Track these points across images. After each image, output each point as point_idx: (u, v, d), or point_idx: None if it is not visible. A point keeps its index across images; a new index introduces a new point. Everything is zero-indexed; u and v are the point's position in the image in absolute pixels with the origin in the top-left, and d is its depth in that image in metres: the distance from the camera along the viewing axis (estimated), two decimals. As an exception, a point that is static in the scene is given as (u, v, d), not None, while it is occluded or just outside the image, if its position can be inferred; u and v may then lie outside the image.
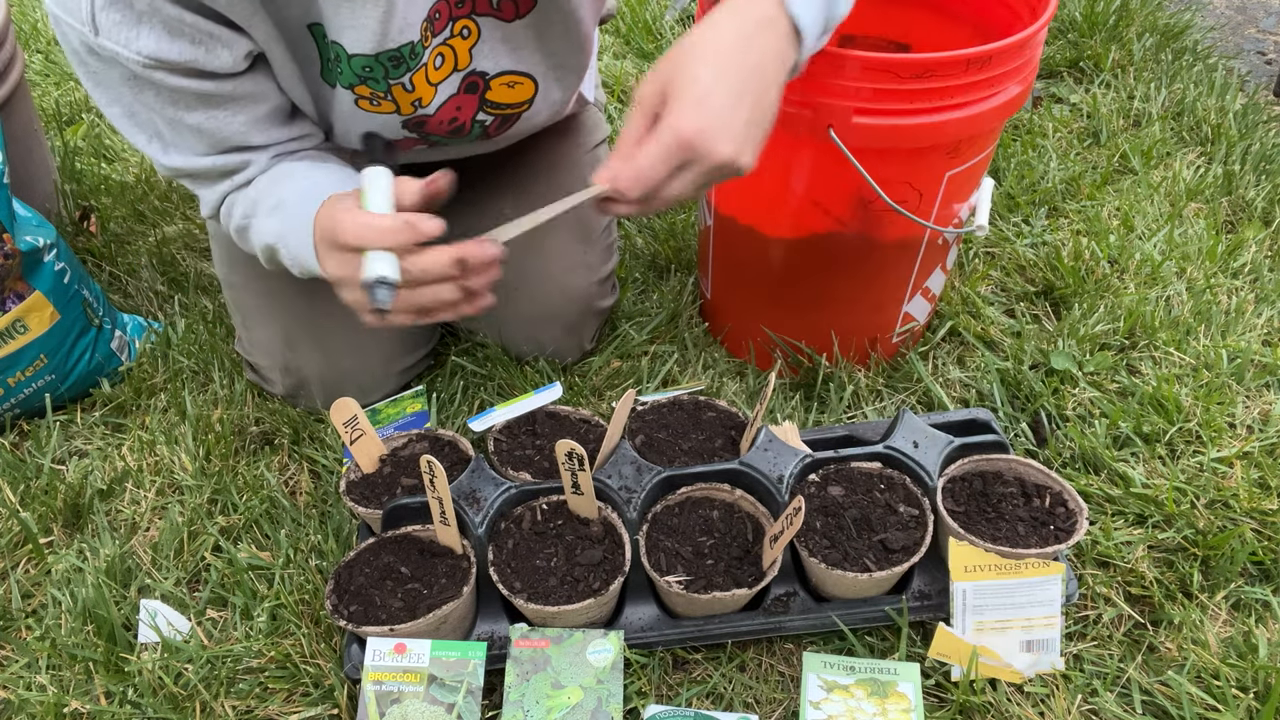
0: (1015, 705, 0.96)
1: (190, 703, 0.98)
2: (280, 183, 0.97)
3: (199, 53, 0.86)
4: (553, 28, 1.06)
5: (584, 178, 1.33)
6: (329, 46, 0.94)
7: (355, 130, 1.04)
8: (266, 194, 0.98)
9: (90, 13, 0.82)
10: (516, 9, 1.01)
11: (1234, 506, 1.13)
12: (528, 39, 1.05)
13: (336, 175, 0.99)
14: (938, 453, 1.05)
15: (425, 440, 1.14)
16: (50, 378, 1.27)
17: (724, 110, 0.77)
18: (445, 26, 0.98)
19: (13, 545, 1.15)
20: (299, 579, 1.08)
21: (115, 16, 0.82)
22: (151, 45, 0.84)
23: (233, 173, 0.99)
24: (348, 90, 0.98)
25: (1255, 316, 1.40)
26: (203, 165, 0.97)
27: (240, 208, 1.00)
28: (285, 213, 0.95)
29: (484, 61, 1.04)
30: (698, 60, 0.77)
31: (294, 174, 0.98)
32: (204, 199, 1.03)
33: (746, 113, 0.78)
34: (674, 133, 0.76)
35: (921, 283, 1.26)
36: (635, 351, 1.38)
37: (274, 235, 0.97)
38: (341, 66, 0.95)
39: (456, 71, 1.03)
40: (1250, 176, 1.67)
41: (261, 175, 1.00)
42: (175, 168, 0.98)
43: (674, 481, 1.04)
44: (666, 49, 0.80)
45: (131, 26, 0.83)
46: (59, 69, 2.12)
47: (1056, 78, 2.01)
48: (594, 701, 0.91)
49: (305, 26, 0.92)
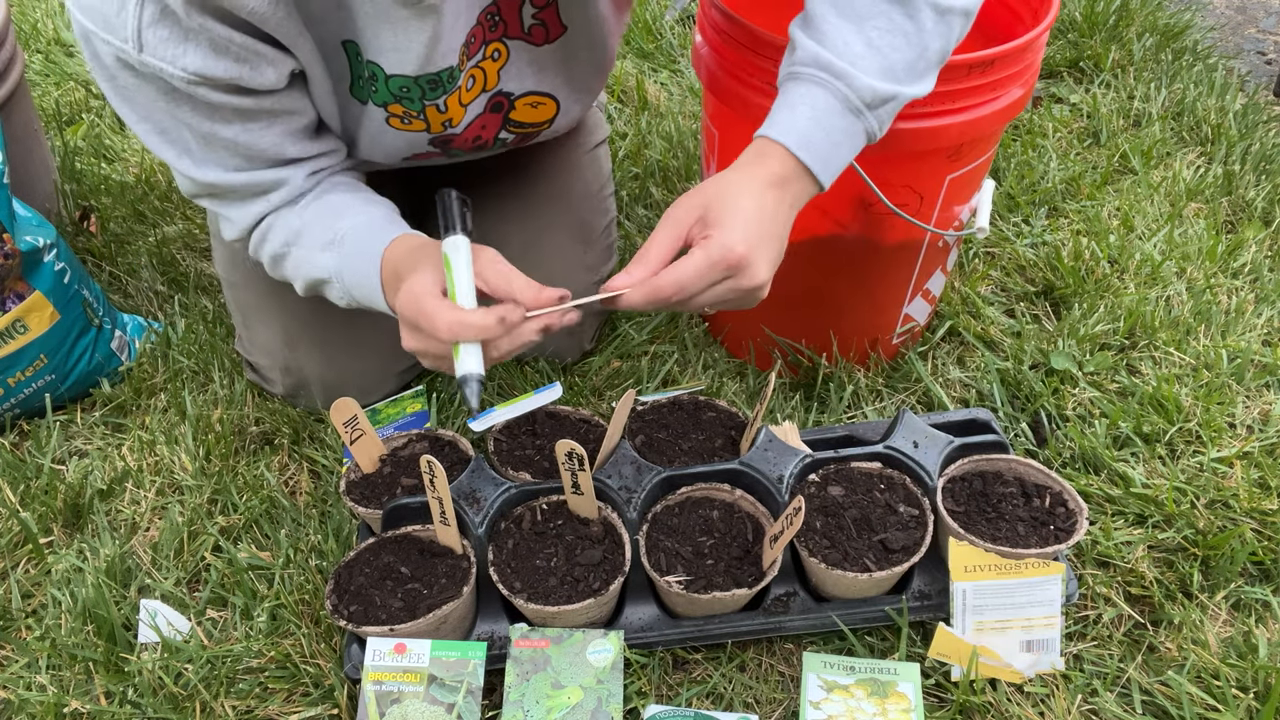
0: (1015, 705, 0.96)
1: (190, 703, 0.98)
2: (333, 218, 0.97)
3: (244, 70, 0.86)
4: (579, 52, 1.07)
5: (584, 177, 1.34)
6: (364, 65, 0.94)
7: (382, 145, 1.05)
8: (316, 226, 0.97)
9: (136, 29, 0.81)
10: (547, 34, 1.03)
11: (1234, 506, 1.13)
12: (554, 62, 1.06)
13: (384, 214, 0.99)
14: (938, 453, 1.05)
15: (425, 440, 1.14)
16: (50, 378, 1.27)
17: (766, 240, 0.84)
18: (479, 50, 0.99)
19: (13, 545, 1.15)
20: (299, 579, 1.08)
21: (163, 33, 0.82)
22: (198, 62, 0.83)
23: (267, 191, 0.98)
24: (380, 108, 0.98)
25: (1255, 316, 1.40)
26: (237, 181, 0.96)
27: (280, 234, 1.00)
28: (343, 250, 0.95)
29: (510, 83, 1.06)
30: (741, 194, 0.84)
31: (348, 210, 0.98)
32: (234, 220, 1.02)
33: (775, 251, 0.86)
34: (724, 249, 0.82)
35: (922, 284, 1.26)
36: (635, 351, 1.38)
37: (327, 270, 0.97)
38: (377, 85, 0.95)
39: (484, 92, 1.05)
40: (1250, 176, 1.67)
41: (306, 201, 1.00)
42: (208, 182, 0.96)
43: (674, 481, 1.04)
44: (695, 183, 0.87)
45: (178, 44, 0.82)
46: (59, 69, 2.12)
47: (1056, 78, 2.01)
48: (594, 701, 0.91)
49: (340, 43, 0.92)
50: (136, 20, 0.81)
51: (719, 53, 1.09)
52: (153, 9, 0.81)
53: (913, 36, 0.86)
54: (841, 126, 0.87)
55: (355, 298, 0.97)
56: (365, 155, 1.07)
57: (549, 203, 1.30)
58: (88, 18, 0.83)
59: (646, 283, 0.82)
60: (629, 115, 1.92)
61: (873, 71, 0.85)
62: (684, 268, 0.82)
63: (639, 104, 1.93)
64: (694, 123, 1.87)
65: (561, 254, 1.28)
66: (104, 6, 0.81)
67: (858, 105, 0.86)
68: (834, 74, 0.85)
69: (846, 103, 0.86)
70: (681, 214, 0.85)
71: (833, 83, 0.85)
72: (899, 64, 0.86)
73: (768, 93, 1.04)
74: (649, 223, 1.61)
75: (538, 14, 1.00)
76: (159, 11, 0.81)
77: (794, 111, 0.86)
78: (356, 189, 1.04)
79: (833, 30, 0.86)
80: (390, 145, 1.05)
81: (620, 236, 1.54)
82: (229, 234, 1.04)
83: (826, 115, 0.86)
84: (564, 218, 1.30)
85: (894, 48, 0.86)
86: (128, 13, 0.81)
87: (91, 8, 0.82)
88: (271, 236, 1.01)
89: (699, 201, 0.85)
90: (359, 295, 0.96)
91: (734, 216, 0.83)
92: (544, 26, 1.02)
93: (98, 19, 0.83)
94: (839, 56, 0.85)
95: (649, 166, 1.73)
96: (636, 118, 1.88)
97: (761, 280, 0.84)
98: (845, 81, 0.85)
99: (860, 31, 0.85)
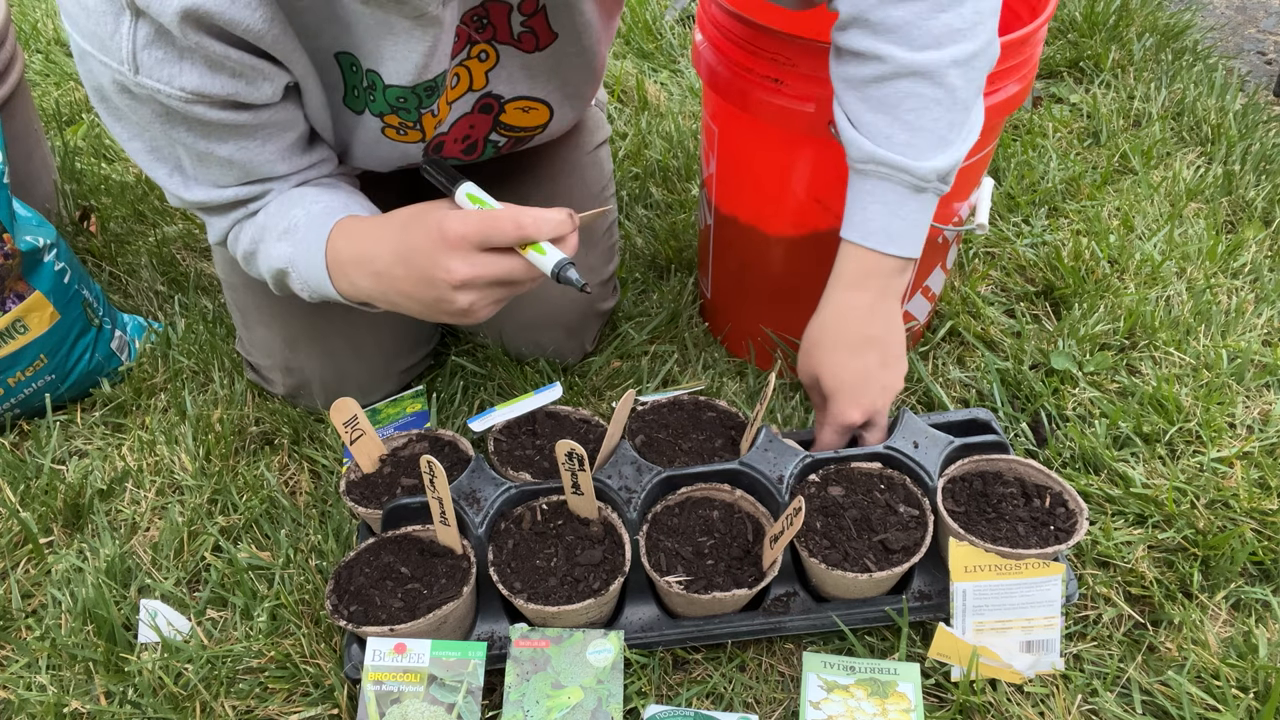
0: (1015, 705, 0.96)
1: (190, 703, 0.98)
2: (289, 207, 0.97)
3: (240, 85, 0.85)
4: (569, 59, 1.07)
5: (585, 178, 1.34)
6: (363, 75, 0.93)
7: (376, 155, 1.04)
8: (275, 218, 0.97)
9: (131, 51, 0.80)
10: (537, 42, 1.03)
11: (1234, 506, 1.13)
12: (545, 69, 1.06)
13: (344, 198, 0.98)
14: (938, 453, 1.05)
15: (425, 440, 1.14)
16: (50, 378, 1.27)
17: (869, 388, 1.01)
18: (463, 49, 0.99)
19: (13, 545, 1.15)
20: (299, 579, 1.08)
21: (158, 54, 0.81)
22: (194, 81, 0.83)
23: (249, 201, 0.98)
24: (376, 118, 0.98)
25: (1255, 316, 1.40)
26: (225, 197, 0.96)
27: (248, 233, 1.00)
28: (296, 236, 0.94)
29: (500, 85, 1.05)
30: (839, 347, 1.01)
31: (303, 198, 0.97)
32: (214, 226, 1.02)
33: (882, 374, 1.02)
34: (842, 422, 1.03)
35: (921, 281, 1.26)
36: (635, 351, 1.38)
37: (284, 259, 0.96)
38: (375, 95, 0.95)
39: (471, 91, 1.04)
40: (1250, 176, 1.67)
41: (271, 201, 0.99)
42: (196, 201, 0.96)
43: (674, 481, 1.04)
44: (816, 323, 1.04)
45: (174, 63, 0.82)
46: (59, 69, 2.12)
47: (1056, 78, 2.01)
48: (594, 701, 0.91)
49: (333, 55, 0.91)
50: (131, 42, 0.80)
51: (719, 48, 1.09)
52: (147, 30, 0.80)
53: (946, 101, 0.89)
54: (915, 207, 0.93)
55: (311, 287, 0.96)
56: (359, 164, 1.07)
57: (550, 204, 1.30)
58: (84, 38, 0.82)
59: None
60: (629, 115, 1.92)
61: (926, 152, 0.89)
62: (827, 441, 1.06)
63: (639, 104, 1.93)
64: (694, 122, 1.87)
65: (562, 255, 1.28)
66: (99, 29, 0.80)
67: (923, 186, 0.91)
68: (892, 167, 0.90)
69: (914, 188, 0.92)
70: (807, 381, 1.06)
71: (895, 174, 0.91)
72: (945, 131, 0.90)
73: (767, 87, 1.04)
74: (649, 223, 1.61)
75: (526, 21, 1.00)
76: (153, 32, 0.80)
77: (867, 211, 0.94)
78: (327, 184, 1.03)
79: (871, 124, 0.90)
80: (386, 155, 1.05)
81: (621, 236, 1.54)
82: (212, 238, 1.05)
83: (898, 205, 0.92)
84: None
85: (935, 120, 0.89)
86: (121, 35, 0.80)
87: (87, 29, 0.81)
88: (243, 237, 1.01)
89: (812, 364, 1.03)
90: (313, 283, 0.95)
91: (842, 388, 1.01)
92: (533, 34, 1.02)
93: (93, 40, 0.82)
94: (891, 150, 0.90)
95: (649, 166, 1.74)
96: (636, 118, 1.88)
97: (880, 409, 1.03)
98: (907, 172, 0.90)
99: (895, 120, 0.89)
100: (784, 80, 1.03)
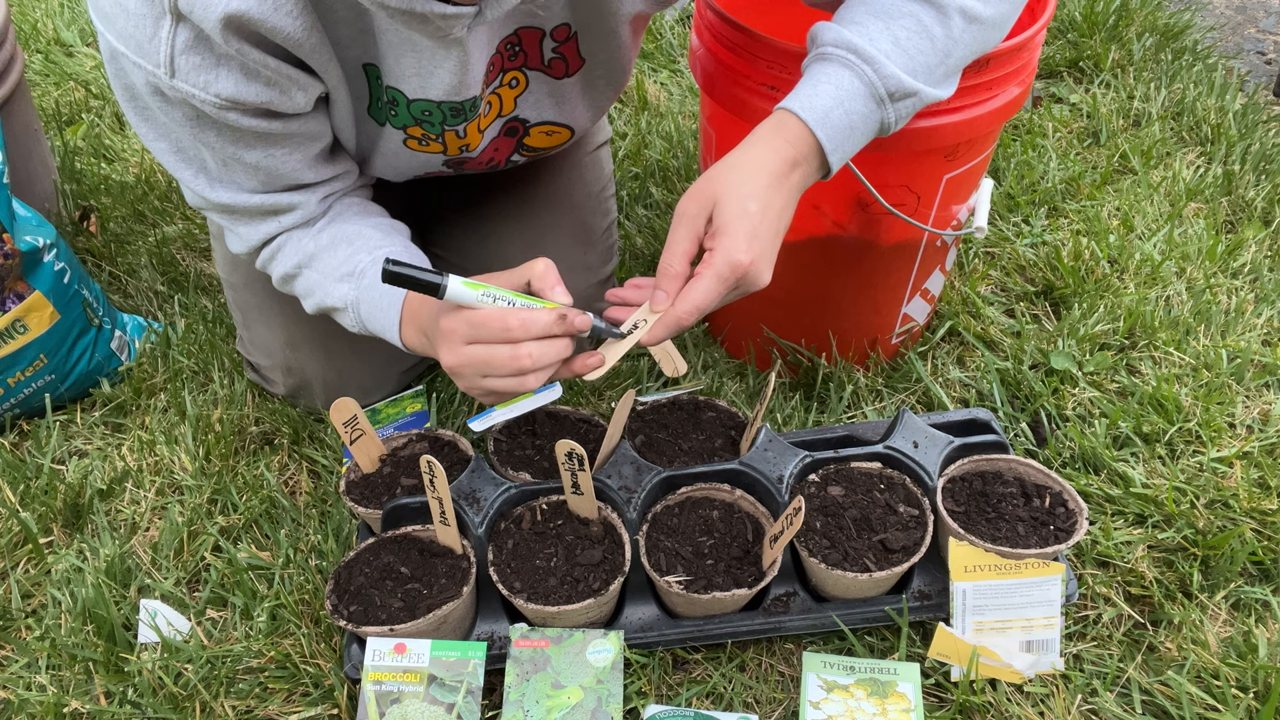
0: (1015, 705, 0.96)
1: (190, 703, 0.98)
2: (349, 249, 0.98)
3: (274, 94, 0.86)
4: (597, 82, 1.07)
5: (585, 178, 1.34)
6: (384, 89, 0.94)
7: (395, 165, 1.05)
8: (331, 255, 0.98)
9: (169, 55, 0.80)
10: (567, 68, 1.03)
11: (1234, 506, 1.13)
12: (573, 93, 1.07)
13: (403, 242, 1.01)
14: (938, 453, 1.05)
15: (425, 440, 1.14)
16: (50, 378, 1.27)
17: (768, 244, 0.86)
18: (496, 77, 0.99)
19: (13, 545, 1.15)
20: (299, 579, 1.08)
21: (195, 60, 0.81)
22: (230, 88, 0.83)
23: (280, 213, 0.99)
24: (399, 130, 0.98)
25: (1255, 316, 1.40)
26: (251, 203, 0.97)
27: (291, 256, 1.00)
28: (363, 283, 0.97)
29: (527, 110, 1.06)
30: (748, 195, 0.85)
31: (362, 239, 0.99)
32: (241, 235, 1.02)
33: (775, 250, 0.87)
34: (731, 266, 0.84)
35: (920, 284, 1.26)
36: (635, 351, 1.38)
37: (344, 301, 0.98)
38: (398, 109, 0.95)
39: (500, 117, 1.05)
40: (1250, 176, 1.67)
41: (320, 225, 1.00)
42: (222, 203, 0.97)
43: (674, 481, 1.04)
44: (699, 172, 0.90)
45: (211, 69, 0.82)
46: (59, 69, 2.12)
47: (1056, 78, 2.01)
48: (594, 701, 0.91)
49: (361, 66, 0.92)
50: (169, 46, 0.80)
51: (715, 55, 1.09)
52: (186, 35, 0.79)
53: (939, 41, 0.87)
54: (862, 111, 0.87)
55: (368, 327, 0.99)
56: (377, 173, 1.08)
57: (550, 204, 1.30)
58: (119, 39, 0.82)
59: (668, 314, 0.85)
60: (629, 115, 1.92)
61: (899, 65, 0.86)
62: (698, 291, 0.84)
63: (639, 104, 1.93)
64: (694, 123, 1.87)
65: (563, 255, 1.28)
66: (136, 30, 0.80)
67: (881, 94, 0.86)
68: (862, 58, 0.85)
69: (871, 88, 0.86)
70: (694, 210, 0.87)
71: (860, 66, 0.86)
72: (921, 65, 0.87)
73: (764, 94, 1.04)
74: (649, 223, 1.61)
75: (557, 48, 1.01)
76: (193, 38, 0.80)
77: (817, 88, 0.86)
78: (368, 213, 1.04)
79: (862, 21, 0.87)
80: (405, 165, 1.05)
81: (620, 237, 1.54)
82: (235, 247, 1.05)
83: (850, 98, 0.86)
84: (565, 219, 1.30)
85: (919, 50, 0.87)
86: (161, 38, 0.80)
87: (123, 30, 0.81)
88: (281, 257, 1.01)
89: (709, 196, 0.86)
90: (372, 326, 0.99)
91: (740, 222, 0.84)
92: (564, 60, 1.02)
93: (129, 42, 0.81)
94: (872, 46, 0.86)
95: (649, 166, 1.74)
96: (636, 118, 1.88)
97: (764, 282, 0.87)
98: (873, 67, 0.85)
99: (888, 29, 0.86)
100: (780, 88, 1.02)
